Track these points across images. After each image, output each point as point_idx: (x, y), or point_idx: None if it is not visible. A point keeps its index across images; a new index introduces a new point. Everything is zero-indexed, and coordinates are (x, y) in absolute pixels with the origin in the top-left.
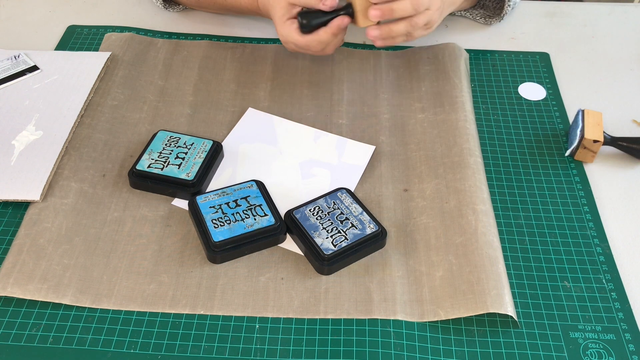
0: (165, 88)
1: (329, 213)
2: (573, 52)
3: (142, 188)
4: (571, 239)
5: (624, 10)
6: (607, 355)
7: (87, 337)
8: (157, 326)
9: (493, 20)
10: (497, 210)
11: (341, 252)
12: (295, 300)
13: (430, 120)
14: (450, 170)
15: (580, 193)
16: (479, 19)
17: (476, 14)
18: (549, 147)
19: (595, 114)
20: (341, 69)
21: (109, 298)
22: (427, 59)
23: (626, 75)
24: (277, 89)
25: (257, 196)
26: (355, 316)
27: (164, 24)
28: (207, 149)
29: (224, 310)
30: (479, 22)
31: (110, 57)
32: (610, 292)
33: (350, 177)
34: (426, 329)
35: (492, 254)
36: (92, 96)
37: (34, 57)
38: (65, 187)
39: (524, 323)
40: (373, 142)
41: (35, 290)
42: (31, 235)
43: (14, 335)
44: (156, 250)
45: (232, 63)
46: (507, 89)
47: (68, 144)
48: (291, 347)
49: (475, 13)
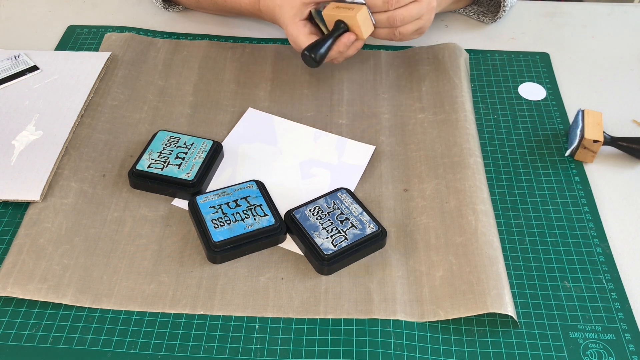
0: (165, 88)
1: (329, 213)
2: (573, 52)
3: (142, 188)
4: (571, 239)
5: (624, 10)
6: (607, 355)
7: (87, 337)
8: (157, 326)
9: (487, 20)
10: (497, 210)
11: (341, 252)
12: (295, 300)
13: (430, 120)
14: (450, 170)
15: (580, 193)
16: (472, 15)
17: (470, 10)
18: (549, 147)
19: (595, 114)
20: (341, 69)
21: (109, 298)
22: (427, 59)
23: (626, 75)
24: (277, 89)
25: (257, 196)
26: (355, 316)
27: (164, 24)
28: (207, 149)
29: (224, 310)
30: (472, 19)
31: (110, 57)
32: (610, 292)
33: (350, 177)
34: (426, 329)
35: (492, 254)
36: (92, 96)
37: (34, 57)
38: (65, 187)
39: (524, 323)
40: (373, 142)
41: (35, 290)
42: (31, 235)
43: (14, 335)
44: (156, 250)
45: (232, 63)
46: (507, 89)
47: (68, 144)
48: (291, 347)
49: (469, 9)
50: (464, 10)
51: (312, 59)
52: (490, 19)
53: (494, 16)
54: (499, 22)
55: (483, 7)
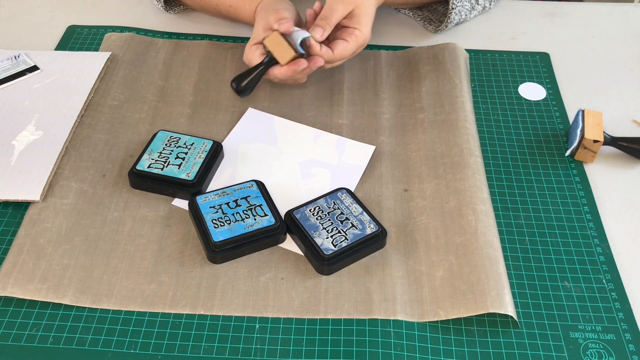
0: (165, 88)
1: (329, 213)
2: (573, 52)
3: (142, 188)
4: (571, 239)
5: (624, 10)
6: (607, 355)
7: (87, 337)
8: (157, 326)
9: (430, 28)
10: (497, 210)
11: (341, 252)
12: (295, 300)
13: (430, 120)
14: (450, 170)
15: (580, 193)
16: (418, 21)
17: (417, 14)
18: (549, 147)
19: (595, 114)
20: (341, 69)
21: (109, 298)
22: (427, 59)
23: (626, 75)
24: (277, 89)
25: (257, 196)
26: (355, 316)
27: (164, 24)
28: (207, 149)
29: (224, 310)
30: (419, 24)
31: (110, 57)
32: (610, 292)
33: (351, 177)
34: (426, 329)
35: (492, 254)
36: (92, 96)
37: (34, 57)
38: (65, 187)
39: (524, 323)
40: (373, 142)
41: (35, 290)
42: (31, 235)
43: (14, 335)
44: (156, 250)
45: (232, 63)
46: (507, 89)
47: (68, 144)
48: (291, 347)
49: (417, 13)
50: (411, 12)
51: (234, 89)
52: (434, 28)
53: (437, 26)
54: (499, 22)
55: (432, 14)
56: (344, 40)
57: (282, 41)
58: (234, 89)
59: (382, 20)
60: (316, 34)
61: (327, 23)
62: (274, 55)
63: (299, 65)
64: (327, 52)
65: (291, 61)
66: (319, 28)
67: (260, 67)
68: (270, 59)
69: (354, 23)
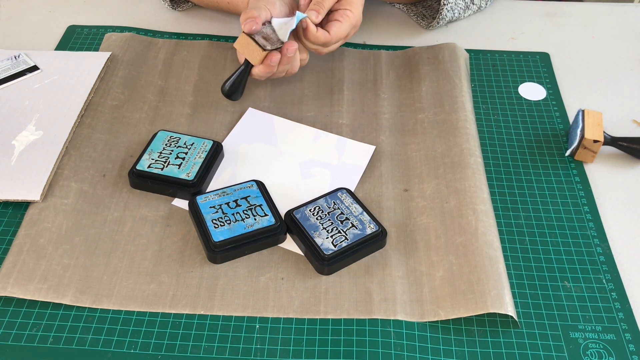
0: (165, 88)
1: (329, 213)
2: (573, 52)
3: (142, 188)
4: (571, 239)
5: (624, 10)
6: (607, 355)
7: (87, 337)
8: (157, 326)
9: (423, 24)
10: (497, 210)
11: (341, 252)
12: (296, 300)
13: (430, 120)
14: (450, 170)
15: (580, 193)
16: (412, 16)
17: (411, 9)
18: (549, 147)
19: (595, 114)
20: (341, 69)
21: (109, 298)
22: (427, 59)
23: (626, 75)
24: (277, 89)
25: (257, 196)
26: (355, 316)
27: (164, 24)
28: (207, 149)
29: (224, 310)
30: (412, 19)
31: (111, 57)
32: (610, 292)
33: (351, 177)
34: (426, 329)
35: (492, 254)
36: (92, 96)
37: (34, 57)
38: (65, 187)
39: (524, 323)
40: (373, 142)
41: (35, 290)
42: (31, 235)
43: (14, 335)
44: (156, 250)
45: (232, 63)
46: (507, 89)
47: (68, 144)
48: (291, 347)
49: (411, 8)
50: (405, 7)
51: (224, 94)
52: (426, 23)
53: (429, 22)
54: (499, 22)
55: (426, 10)
56: (337, 21)
57: (250, 42)
58: (224, 94)
59: (382, 20)
60: (311, 16)
61: (320, 7)
62: (246, 57)
63: (272, 60)
64: (323, 34)
65: (265, 58)
66: (313, 11)
67: (241, 69)
68: (247, 61)
69: (345, 4)
